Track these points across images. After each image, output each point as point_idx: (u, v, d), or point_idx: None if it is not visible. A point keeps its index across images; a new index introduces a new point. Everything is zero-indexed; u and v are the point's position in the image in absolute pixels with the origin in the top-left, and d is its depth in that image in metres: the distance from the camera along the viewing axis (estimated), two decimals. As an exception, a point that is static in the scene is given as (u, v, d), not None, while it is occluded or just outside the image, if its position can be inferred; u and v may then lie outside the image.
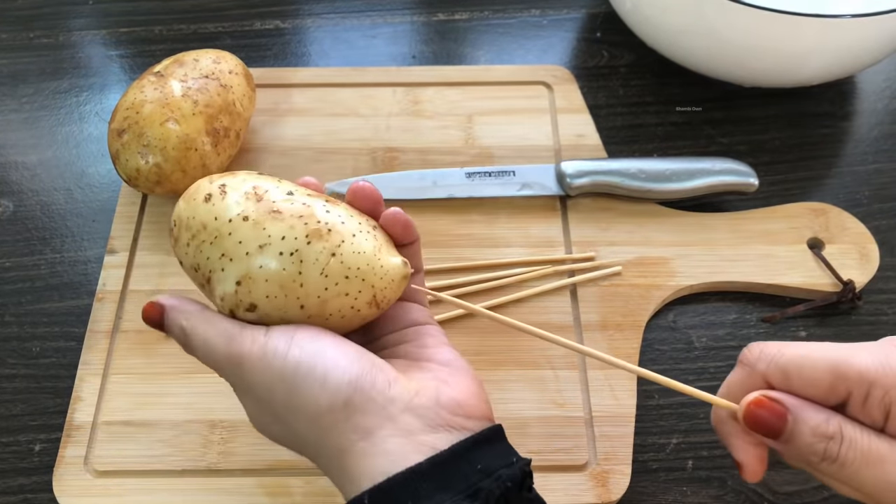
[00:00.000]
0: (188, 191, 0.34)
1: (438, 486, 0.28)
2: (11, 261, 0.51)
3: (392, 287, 0.33)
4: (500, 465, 0.29)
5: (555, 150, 0.56)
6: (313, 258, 0.31)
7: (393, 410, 0.29)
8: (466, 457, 0.29)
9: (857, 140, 0.58)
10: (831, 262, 0.49)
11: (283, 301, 0.31)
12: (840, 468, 0.28)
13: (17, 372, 0.47)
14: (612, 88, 0.61)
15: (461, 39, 0.65)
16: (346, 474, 0.30)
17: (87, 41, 0.64)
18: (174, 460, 0.43)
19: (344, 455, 0.29)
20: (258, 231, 0.31)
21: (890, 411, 0.28)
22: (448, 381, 0.31)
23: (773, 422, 0.29)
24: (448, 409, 0.30)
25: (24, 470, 0.43)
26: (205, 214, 0.32)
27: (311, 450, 0.31)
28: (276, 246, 0.31)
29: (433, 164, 0.55)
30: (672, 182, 0.51)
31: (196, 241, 0.32)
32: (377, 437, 0.29)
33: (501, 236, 0.51)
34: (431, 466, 0.28)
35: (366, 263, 0.32)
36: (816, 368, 0.29)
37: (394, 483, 0.28)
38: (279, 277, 0.31)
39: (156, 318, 0.33)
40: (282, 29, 0.65)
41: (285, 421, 0.31)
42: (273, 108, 0.58)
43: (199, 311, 0.33)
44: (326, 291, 0.31)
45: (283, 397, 0.30)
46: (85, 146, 0.57)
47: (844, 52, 0.52)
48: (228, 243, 0.31)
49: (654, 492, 0.43)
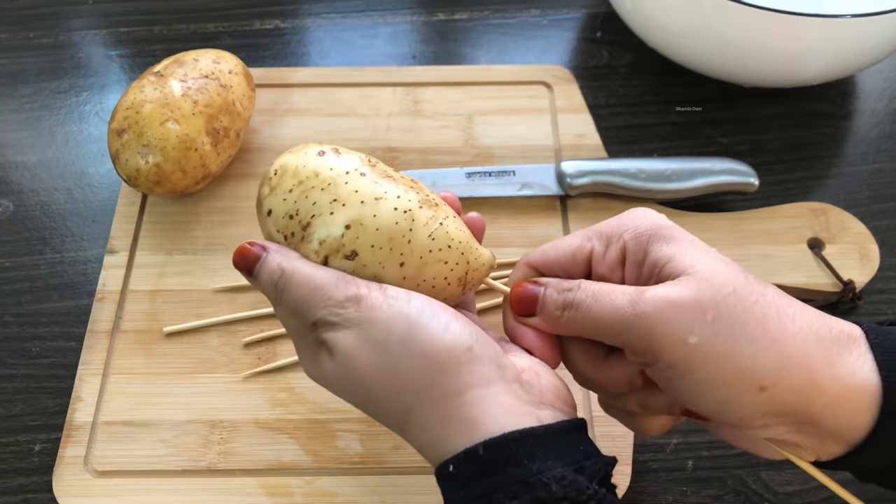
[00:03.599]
0: (295, 148, 0.34)
1: (550, 452, 0.28)
2: (11, 261, 0.51)
3: (480, 272, 0.34)
4: (597, 452, 0.30)
5: (555, 150, 0.56)
6: (424, 220, 0.32)
7: (507, 375, 0.30)
8: (571, 435, 0.30)
9: (857, 140, 0.58)
10: (831, 262, 0.49)
11: (386, 254, 0.32)
12: (576, 311, 0.31)
13: (17, 372, 0.47)
14: (612, 88, 0.61)
15: (461, 39, 0.65)
16: (455, 421, 0.29)
17: (86, 41, 0.64)
18: (174, 460, 0.43)
19: (456, 397, 0.29)
20: (375, 186, 0.32)
21: (626, 257, 0.32)
22: (544, 367, 0.32)
23: (528, 295, 0.33)
24: (550, 391, 0.31)
25: (24, 470, 0.43)
26: (319, 164, 0.33)
27: (412, 395, 0.30)
28: (392, 201, 0.32)
29: (433, 164, 0.55)
30: (672, 182, 0.51)
31: (303, 186, 0.32)
32: (493, 389, 0.29)
33: (501, 236, 0.51)
34: (546, 433, 0.29)
35: (466, 241, 0.34)
36: (565, 240, 0.34)
37: (510, 438, 0.28)
38: (390, 229, 0.31)
39: (252, 259, 0.32)
40: (282, 29, 0.65)
41: (395, 359, 0.30)
42: (273, 108, 0.58)
43: (300, 257, 0.32)
44: (430, 254, 0.32)
45: (402, 333, 0.30)
46: (85, 146, 0.57)
47: (844, 52, 0.52)
48: (344, 190, 0.32)
49: (654, 492, 0.43)
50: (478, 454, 0.28)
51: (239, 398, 0.45)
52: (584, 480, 0.27)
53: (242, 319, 0.47)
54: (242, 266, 0.33)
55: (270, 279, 0.32)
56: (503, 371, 0.30)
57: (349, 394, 0.32)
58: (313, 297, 0.31)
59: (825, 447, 0.29)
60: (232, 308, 0.48)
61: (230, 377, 0.45)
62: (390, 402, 0.31)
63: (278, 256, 0.32)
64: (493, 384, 0.29)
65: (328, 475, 0.42)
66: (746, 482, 0.43)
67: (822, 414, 0.28)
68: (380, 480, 0.42)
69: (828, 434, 0.29)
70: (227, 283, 0.49)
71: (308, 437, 0.43)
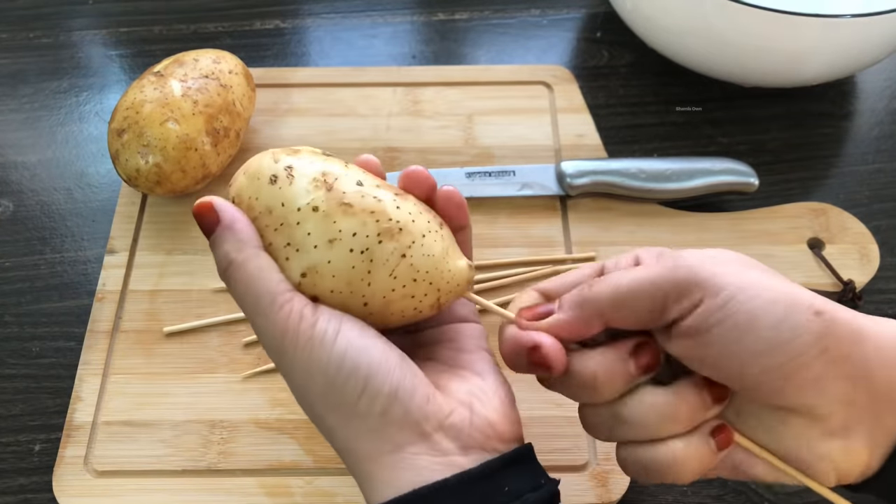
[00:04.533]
0: (250, 166, 0.32)
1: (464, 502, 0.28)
2: (11, 261, 0.51)
3: (456, 291, 0.33)
4: (528, 488, 0.29)
5: (555, 150, 0.56)
6: (384, 258, 0.30)
7: (427, 428, 0.29)
8: (495, 478, 0.29)
9: (857, 140, 0.58)
10: (831, 262, 0.49)
11: (347, 297, 0.30)
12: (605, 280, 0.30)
13: (17, 372, 0.47)
14: (612, 88, 0.61)
15: (461, 39, 0.65)
16: (371, 480, 0.29)
17: (87, 41, 0.64)
18: (174, 460, 0.43)
19: (370, 461, 0.29)
20: (328, 224, 0.30)
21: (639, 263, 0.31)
22: (482, 398, 0.31)
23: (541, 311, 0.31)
24: (480, 430, 0.30)
25: (24, 470, 0.43)
26: (270, 198, 0.30)
27: (339, 444, 0.31)
28: (347, 242, 0.30)
29: (433, 164, 0.55)
30: (672, 182, 0.51)
31: (258, 223, 0.31)
32: (407, 451, 0.29)
33: (501, 236, 0.51)
34: (459, 484, 0.28)
35: (434, 267, 0.31)
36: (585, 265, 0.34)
37: (419, 496, 0.28)
38: (347, 274, 0.30)
39: (207, 225, 0.31)
40: (282, 29, 0.65)
41: (317, 410, 0.30)
42: (273, 108, 0.58)
43: (255, 246, 0.30)
44: (393, 293, 0.31)
45: (320, 389, 0.29)
46: (85, 146, 0.57)
47: (844, 52, 0.52)
48: (297, 233, 0.30)
49: (655, 492, 0.43)
50: None
51: (239, 398, 0.45)
52: None
53: (242, 319, 0.47)
54: (200, 226, 0.31)
55: (220, 264, 0.31)
56: (423, 425, 0.29)
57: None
58: (251, 305, 0.30)
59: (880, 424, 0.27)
60: (232, 308, 0.48)
61: (230, 377, 0.45)
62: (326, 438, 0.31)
63: (231, 239, 0.30)
64: (408, 446, 0.29)
65: (328, 475, 0.42)
66: (746, 482, 0.43)
67: (878, 360, 0.26)
68: (380, 480, 0.42)
69: (884, 398, 0.26)
70: (227, 283, 0.49)
71: (308, 437, 0.43)
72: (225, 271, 0.31)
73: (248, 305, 0.30)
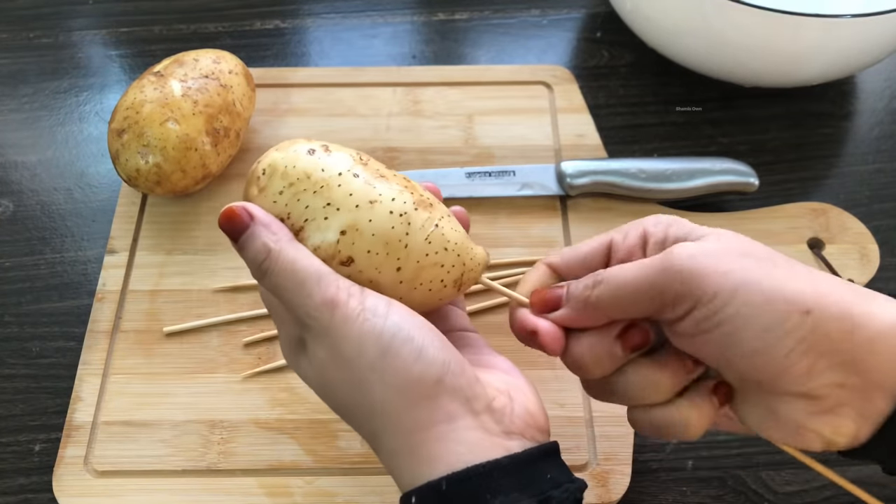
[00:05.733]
0: (282, 145, 0.32)
1: (515, 484, 0.28)
2: (11, 261, 0.51)
3: (476, 271, 0.34)
4: (566, 479, 0.29)
5: (555, 150, 0.56)
6: (420, 223, 0.32)
7: (476, 406, 0.29)
8: (539, 464, 0.29)
9: (857, 140, 0.58)
10: (832, 262, 0.49)
11: (382, 259, 0.31)
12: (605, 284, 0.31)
13: (17, 372, 0.47)
14: (612, 88, 0.61)
15: (461, 39, 0.65)
16: (418, 454, 0.29)
17: (86, 41, 0.64)
18: (174, 460, 0.43)
19: (421, 431, 0.29)
20: (369, 188, 0.31)
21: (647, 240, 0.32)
22: (517, 390, 0.32)
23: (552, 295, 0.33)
24: (521, 418, 0.30)
25: (24, 470, 0.43)
26: (308, 165, 0.31)
27: (380, 422, 0.30)
28: (387, 204, 0.31)
29: (433, 164, 0.55)
30: (672, 182, 0.51)
31: (294, 188, 0.31)
32: (459, 424, 0.29)
33: (502, 236, 0.51)
34: (511, 464, 0.28)
35: (462, 241, 0.33)
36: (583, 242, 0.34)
37: (473, 473, 0.28)
38: (386, 234, 0.31)
39: (239, 227, 0.30)
40: (282, 29, 0.65)
41: (364, 383, 0.29)
42: (273, 107, 0.58)
43: (291, 239, 0.30)
44: (426, 258, 0.32)
45: (373, 357, 0.29)
46: (85, 146, 0.57)
47: (844, 52, 0.52)
48: (337, 194, 0.31)
49: (655, 492, 0.43)
50: (440, 489, 0.28)
51: (239, 398, 0.45)
52: None
53: (242, 319, 0.48)
54: (228, 232, 0.30)
55: (256, 258, 0.30)
56: (472, 403, 0.29)
57: (324, 398, 0.32)
58: (294, 290, 0.30)
59: (870, 404, 0.28)
60: (232, 308, 0.48)
61: (230, 377, 0.45)
62: (360, 421, 0.31)
63: (266, 232, 0.30)
64: (460, 419, 0.29)
65: (328, 475, 0.42)
66: (746, 482, 0.43)
67: (867, 349, 0.27)
68: (380, 480, 0.42)
69: (874, 382, 0.27)
70: (227, 283, 0.49)
71: (308, 437, 0.43)
72: (262, 263, 0.30)
73: (291, 289, 0.30)
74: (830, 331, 0.27)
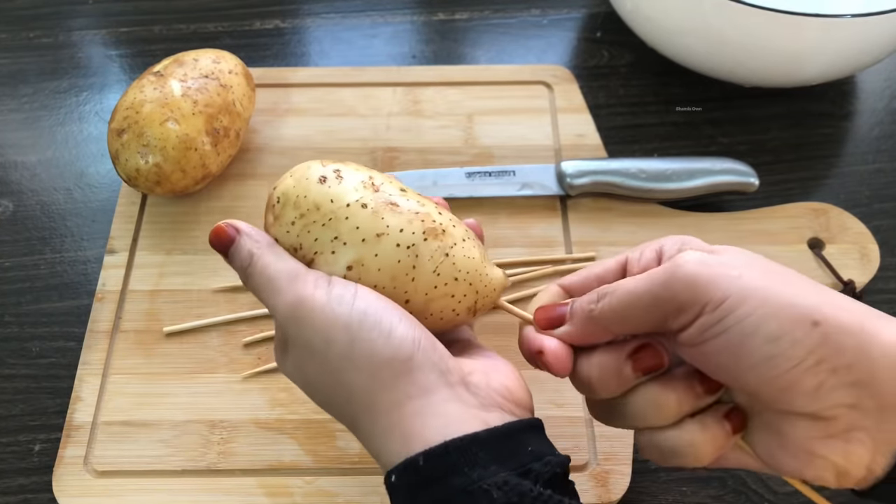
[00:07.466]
0: (297, 170, 0.33)
1: (494, 457, 0.28)
2: (11, 261, 0.51)
3: (492, 297, 0.33)
4: (548, 452, 0.29)
5: (555, 150, 0.56)
6: (428, 255, 0.31)
7: (451, 378, 0.30)
8: (518, 437, 0.29)
9: (857, 140, 0.58)
10: (832, 262, 0.49)
11: (390, 292, 0.31)
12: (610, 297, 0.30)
13: (17, 372, 0.47)
14: (612, 88, 0.61)
15: (461, 39, 0.65)
16: (395, 432, 0.29)
17: (86, 41, 0.64)
18: (174, 460, 0.43)
19: (397, 409, 0.29)
20: (377, 220, 0.31)
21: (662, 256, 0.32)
22: (495, 369, 0.32)
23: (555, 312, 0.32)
24: (499, 392, 0.31)
25: (24, 470, 0.43)
26: (319, 195, 0.32)
27: (357, 406, 0.30)
28: (394, 237, 0.31)
29: (433, 163, 0.55)
30: (672, 182, 0.51)
31: (304, 220, 0.32)
32: (435, 397, 0.29)
33: (501, 236, 0.51)
34: (489, 437, 0.28)
35: (474, 269, 0.32)
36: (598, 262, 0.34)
37: (451, 447, 0.28)
38: (393, 269, 0.31)
39: (227, 241, 0.32)
40: (282, 29, 0.65)
41: (338, 372, 0.30)
42: (273, 107, 0.58)
43: (270, 244, 0.32)
44: (435, 290, 0.32)
45: (342, 346, 0.29)
46: (85, 146, 0.57)
47: (844, 52, 0.52)
48: (344, 227, 0.31)
49: (655, 492, 0.43)
50: (418, 464, 0.28)
51: (239, 398, 0.45)
52: (528, 484, 0.27)
53: (242, 319, 0.47)
54: (217, 247, 0.33)
55: (241, 265, 0.32)
56: (446, 376, 0.30)
57: (309, 395, 0.33)
58: (267, 290, 0.31)
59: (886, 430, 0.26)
60: (232, 308, 0.48)
61: (230, 377, 0.45)
62: (339, 409, 0.32)
63: (249, 242, 0.32)
64: (435, 392, 0.29)
65: (328, 475, 0.42)
66: (746, 482, 0.43)
67: (881, 365, 0.26)
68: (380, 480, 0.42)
69: (890, 406, 0.26)
70: (227, 283, 0.49)
71: (308, 437, 0.43)
72: (247, 268, 0.32)
73: (265, 289, 0.31)
74: (843, 344, 0.26)
